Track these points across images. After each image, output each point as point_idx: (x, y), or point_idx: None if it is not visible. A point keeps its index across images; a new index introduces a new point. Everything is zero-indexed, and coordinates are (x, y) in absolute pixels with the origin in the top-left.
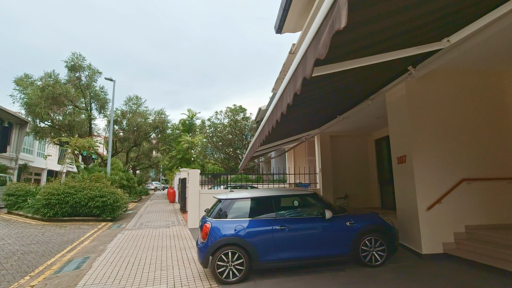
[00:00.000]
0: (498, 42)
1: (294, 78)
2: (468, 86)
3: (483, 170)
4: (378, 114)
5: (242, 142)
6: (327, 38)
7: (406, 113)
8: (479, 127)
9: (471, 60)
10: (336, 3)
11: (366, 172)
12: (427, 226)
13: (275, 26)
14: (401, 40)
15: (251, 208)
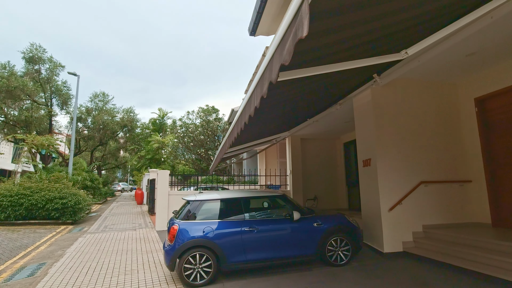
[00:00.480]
0: (451, 56)
1: (261, 82)
2: (427, 95)
3: (439, 174)
4: (347, 118)
5: (214, 143)
6: (291, 45)
7: (371, 118)
8: (436, 134)
9: (429, 72)
10: (299, 12)
11: (335, 174)
12: (388, 226)
13: (249, 29)
14: (363, 50)
15: (220, 210)
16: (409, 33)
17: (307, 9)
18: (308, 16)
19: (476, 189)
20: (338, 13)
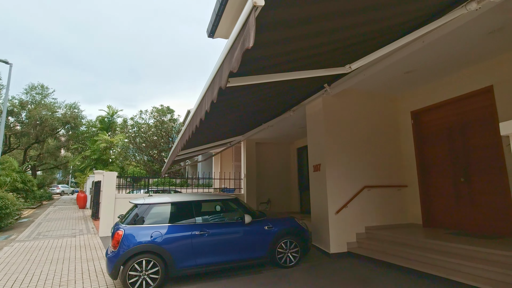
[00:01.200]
0: (392, 72)
1: (212, 87)
2: (371, 106)
3: (380, 179)
4: (300, 124)
5: (168, 144)
6: (239, 54)
7: (322, 126)
8: (378, 142)
9: (373, 85)
10: (247, 24)
11: (288, 179)
12: (335, 228)
13: (208, 30)
14: (311, 61)
15: (170, 213)
16: (352, 50)
17: (254, 21)
18: (254, 28)
19: (411, 193)
20: (285, 26)
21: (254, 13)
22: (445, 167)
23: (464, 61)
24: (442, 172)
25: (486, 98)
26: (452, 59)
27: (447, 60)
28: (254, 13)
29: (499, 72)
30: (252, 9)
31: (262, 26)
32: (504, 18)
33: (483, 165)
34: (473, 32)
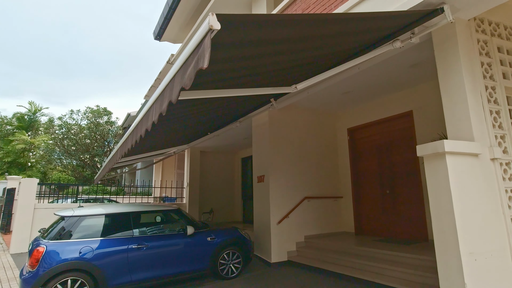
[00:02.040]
0: (333, 92)
1: (161, 98)
2: (313, 122)
3: (319, 190)
4: (245, 135)
5: (103, 148)
6: (192, 72)
7: (267, 138)
8: (319, 155)
9: (316, 102)
10: (202, 44)
11: (231, 188)
12: (276, 238)
13: (155, 32)
14: (261, 79)
15: (104, 226)
16: (298, 71)
17: (209, 43)
18: (209, 50)
19: (345, 204)
20: (237, 47)
21: (210, 35)
22: (374, 180)
23: (391, 87)
24: (372, 185)
25: (407, 121)
26: (382, 85)
27: (378, 85)
28: (210, 35)
29: (417, 99)
30: (208, 32)
31: (216, 45)
32: (422, 56)
33: (404, 179)
34: (398, 64)
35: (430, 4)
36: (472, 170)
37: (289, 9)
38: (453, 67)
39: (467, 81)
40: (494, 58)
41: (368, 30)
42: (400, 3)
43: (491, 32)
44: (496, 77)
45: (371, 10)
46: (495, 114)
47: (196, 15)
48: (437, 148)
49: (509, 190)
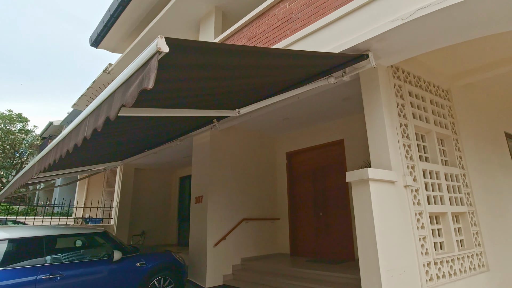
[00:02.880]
0: (274, 117)
1: (96, 113)
2: (254, 144)
3: (257, 212)
4: (185, 154)
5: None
6: (135, 91)
7: (208, 158)
8: (258, 177)
9: (258, 126)
10: (148, 64)
11: (167, 208)
12: (212, 261)
13: (92, 38)
14: (205, 101)
15: (6, 254)
16: (242, 96)
17: (156, 65)
18: (156, 71)
19: (282, 225)
20: (183, 69)
21: (157, 57)
22: (309, 203)
23: (326, 116)
24: (307, 207)
25: (339, 148)
26: (318, 114)
27: (315, 114)
28: (157, 56)
29: (348, 129)
30: (156, 53)
31: (162, 65)
32: (352, 91)
33: (336, 201)
34: (333, 97)
35: (358, 50)
36: (390, 195)
37: (236, 35)
38: (376, 104)
39: (386, 117)
40: (406, 100)
41: (306, 65)
42: (334, 46)
43: (404, 79)
44: (408, 116)
45: (309, 47)
46: (407, 148)
47: (142, 26)
48: (362, 175)
49: (417, 213)
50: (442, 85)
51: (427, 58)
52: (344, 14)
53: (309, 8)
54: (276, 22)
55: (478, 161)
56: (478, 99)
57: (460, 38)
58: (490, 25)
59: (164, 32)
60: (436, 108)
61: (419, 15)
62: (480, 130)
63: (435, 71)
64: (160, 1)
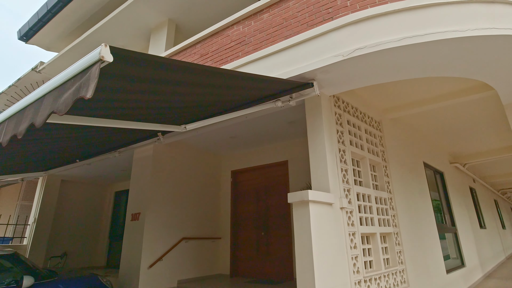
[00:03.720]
0: (221, 135)
1: (18, 117)
2: (200, 161)
3: (199, 231)
4: (124, 167)
5: None
6: (70, 99)
7: (149, 173)
8: (201, 195)
9: (204, 142)
10: (88, 71)
11: (97, 226)
12: (145, 284)
13: (21, 32)
14: (150, 114)
15: None
16: (189, 112)
17: (97, 74)
18: (96, 80)
19: (223, 245)
20: (128, 80)
21: (99, 65)
22: (252, 222)
23: (272, 137)
24: (249, 226)
25: (283, 169)
26: (265, 134)
27: (261, 134)
28: (99, 65)
29: (292, 151)
30: (98, 61)
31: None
32: (298, 116)
33: (278, 221)
34: (279, 119)
35: (304, 78)
36: (327, 216)
37: (188, 50)
38: (318, 130)
39: (327, 143)
40: (345, 128)
41: (255, 88)
42: (283, 71)
43: (344, 108)
44: (346, 143)
45: (260, 70)
46: (344, 172)
47: (86, 26)
48: (303, 197)
49: (351, 234)
50: (375, 117)
51: (364, 92)
52: (293, 44)
53: (261, 34)
54: (230, 43)
55: (402, 186)
56: (403, 132)
57: (389, 78)
58: (411, 71)
59: (110, 36)
60: (369, 137)
61: (357, 54)
62: (404, 159)
63: (370, 104)
64: (109, 4)
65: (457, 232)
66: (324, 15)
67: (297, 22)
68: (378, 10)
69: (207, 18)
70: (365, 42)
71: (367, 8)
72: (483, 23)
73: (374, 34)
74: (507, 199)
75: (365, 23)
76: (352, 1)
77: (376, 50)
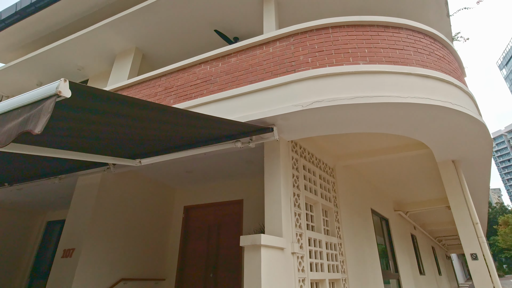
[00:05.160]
0: (177, 169)
1: None
2: (152, 194)
3: (140, 270)
4: (63, 194)
5: None
6: (14, 131)
7: (92, 203)
8: (148, 231)
9: (159, 174)
10: (41, 105)
11: (17, 261)
12: None
13: None
14: (102, 146)
15: None
16: (145, 146)
17: (51, 108)
18: (49, 115)
19: (166, 287)
20: (81, 111)
21: (55, 99)
22: (201, 262)
23: (229, 175)
24: (198, 267)
25: (237, 208)
26: (221, 172)
27: (218, 171)
28: (55, 99)
29: (248, 190)
30: (54, 96)
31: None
32: (256, 156)
33: (228, 263)
34: (238, 158)
35: (265, 123)
36: (278, 261)
37: (152, 82)
38: (275, 173)
39: (282, 187)
40: (300, 173)
41: (216, 128)
42: (245, 114)
43: (300, 153)
44: (300, 187)
45: (223, 110)
46: (297, 216)
47: (43, 41)
48: (255, 241)
49: (301, 280)
50: (329, 163)
51: (320, 138)
52: (257, 90)
53: (227, 75)
54: (195, 80)
55: (351, 232)
56: (354, 179)
57: (342, 130)
58: (362, 125)
59: (69, 55)
60: (323, 183)
61: (315, 106)
62: (354, 205)
63: (325, 150)
64: (73, 24)
65: (400, 278)
66: (288, 67)
67: (262, 70)
68: (335, 70)
69: (175, 51)
70: (323, 96)
71: (326, 67)
72: (419, 93)
73: (331, 90)
74: (442, 246)
75: (323, 79)
76: (313, 58)
77: (332, 105)
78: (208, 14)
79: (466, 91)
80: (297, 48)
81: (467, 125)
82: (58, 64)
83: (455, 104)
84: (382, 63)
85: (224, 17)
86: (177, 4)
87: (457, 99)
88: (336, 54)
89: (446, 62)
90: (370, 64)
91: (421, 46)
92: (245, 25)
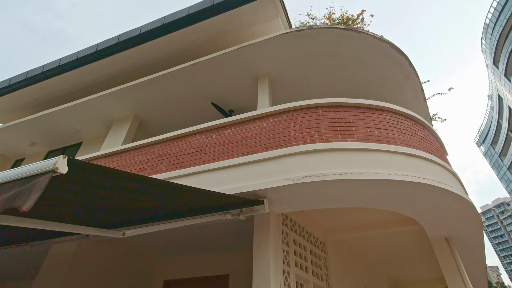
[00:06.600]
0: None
1: None
2: (130, 264)
3: None
4: (29, 263)
5: None
6: (1, 205)
7: (63, 274)
8: None
9: (138, 242)
10: (34, 180)
11: None
12: None
13: None
14: (82, 217)
15: None
16: (129, 216)
17: (46, 184)
18: (41, 192)
19: None
20: (65, 182)
21: (50, 176)
22: None
23: (215, 247)
24: None
25: (222, 283)
26: (206, 243)
27: (203, 242)
28: (50, 175)
29: (235, 264)
30: (50, 172)
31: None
32: (245, 228)
33: None
34: (226, 230)
35: (256, 195)
36: None
37: (146, 148)
38: (265, 249)
39: (272, 264)
40: (290, 248)
41: (206, 200)
42: (236, 185)
43: (291, 227)
44: (291, 264)
45: (215, 180)
46: None
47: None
48: None
49: None
50: (320, 237)
51: (311, 211)
52: (249, 162)
53: (221, 147)
54: (189, 149)
55: None
56: (345, 254)
57: (333, 205)
58: (352, 201)
59: (68, 118)
60: (314, 259)
61: (305, 181)
62: (347, 284)
63: (316, 224)
64: (77, 91)
65: None
66: (280, 141)
67: (255, 143)
68: (325, 146)
69: (171, 120)
70: (313, 171)
71: (316, 143)
72: (405, 171)
73: (322, 165)
74: None
75: (314, 154)
76: (304, 135)
77: (322, 180)
78: (206, 88)
79: (450, 170)
80: (289, 124)
81: (454, 204)
82: (55, 126)
83: (441, 182)
84: (369, 141)
85: (221, 91)
86: (178, 79)
87: (442, 177)
88: (325, 131)
89: (428, 142)
90: (358, 142)
91: (404, 127)
92: (240, 99)
